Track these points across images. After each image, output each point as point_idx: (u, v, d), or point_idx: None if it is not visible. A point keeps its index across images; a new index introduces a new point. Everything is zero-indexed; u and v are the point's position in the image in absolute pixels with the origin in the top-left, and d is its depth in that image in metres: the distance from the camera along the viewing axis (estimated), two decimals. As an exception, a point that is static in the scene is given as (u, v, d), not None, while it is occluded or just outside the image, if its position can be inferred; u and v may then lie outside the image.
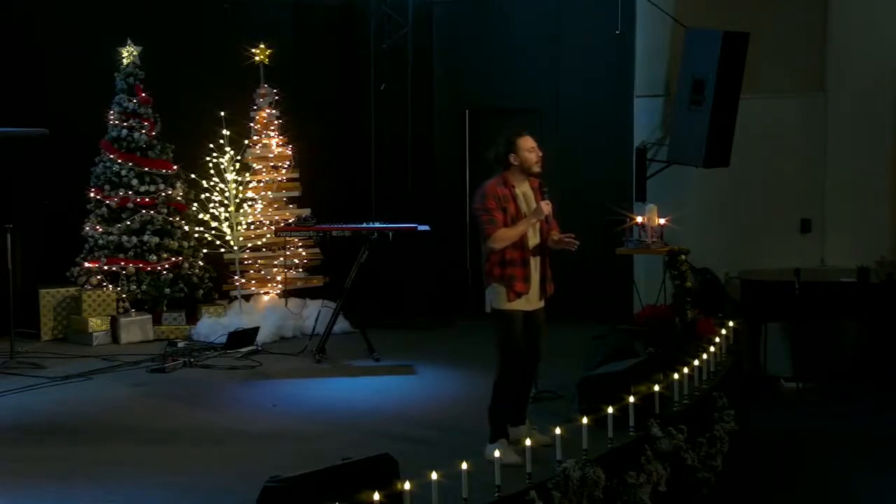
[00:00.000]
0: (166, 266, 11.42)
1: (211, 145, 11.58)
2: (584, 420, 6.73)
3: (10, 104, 11.06)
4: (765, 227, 11.64)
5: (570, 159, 12.30)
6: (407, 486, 5.56)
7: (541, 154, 7.15)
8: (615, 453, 6.83)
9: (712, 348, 8.81)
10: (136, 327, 11.18)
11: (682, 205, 10.81)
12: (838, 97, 11.73)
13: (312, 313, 11.27)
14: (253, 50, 11.88)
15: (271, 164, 11.97)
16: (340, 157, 12.89)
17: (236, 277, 11.78)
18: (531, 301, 7.07)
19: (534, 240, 7.08)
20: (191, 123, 11.68)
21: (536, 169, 7.11)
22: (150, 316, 11.31)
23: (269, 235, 11.80)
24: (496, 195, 6.99)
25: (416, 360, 10.22)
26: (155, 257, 11.35)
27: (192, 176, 11.67)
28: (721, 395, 8.39)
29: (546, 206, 7.05)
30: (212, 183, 11.61)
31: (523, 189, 7.12)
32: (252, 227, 11.81)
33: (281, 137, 12.01)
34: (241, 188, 11.71)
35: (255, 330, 10.85)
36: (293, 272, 12.00)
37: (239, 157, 11.70)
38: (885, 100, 11.48)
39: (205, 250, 11.80)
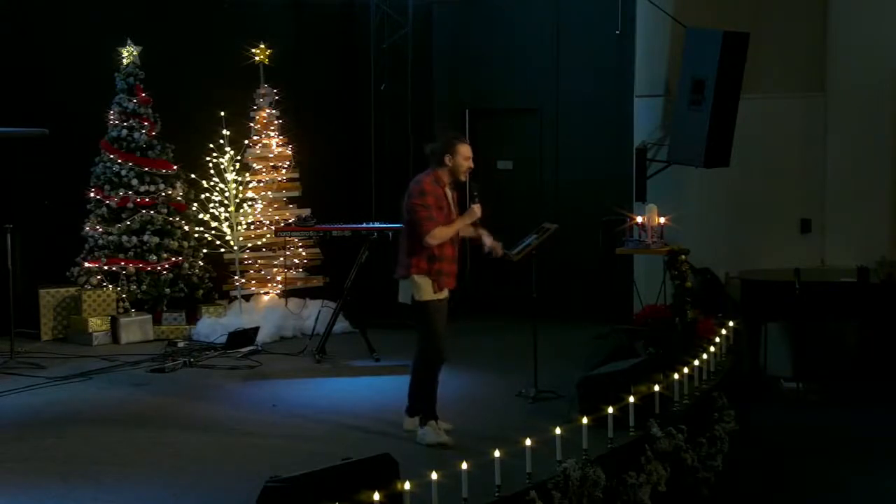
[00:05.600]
0: (166, 266, 11.42)
1: (211, 145, 11.58)
2: (584, 420, 6.73)
3: (10, 104, 11.06)
4: (765, 227, 11.65)
5: (570, 159, 12.34)
6: (407, 486, 5.56)
7: (472, 167, 7.61)
8: (615, 453, 6.84)
9: (712, 348, 8.81)
10: (136, 327, 11.17)
11: (682, 205, 10.82)
12: (838, 97, 11.74)
13: (312, 313, 11.27)
14: (253, 50, 11.87)
15: (271, 164, 11.97)
16: (340, 156, 12.90)
17: (236, 277, 11.78)
18: (445, 292, 7.54)
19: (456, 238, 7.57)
20: (191, 123, 11.68)
21: (463, 178, 7.59)
22: (150, 316, 11.30)
23: (269, 235, 11.80)
24: (435, 193, 7.42)
25: (415, 360, 10.20)
26: (155, 257, 11.35)
27: (192, 176, 11.67)
28: (721, 395, 8.39)
29: (478, 209, 7.54)
30: (212, 183, 11.62)
31: (450, 190, 7.57)
32: (252, 227, 11.81)
33: (281, 137, 12.01)
34: (241, 188, 11.71)
35: (255, 330, 10.85)
36: (293, 272, 11.99)
37: (239, 157, 11.70)
38: (885, 100, 11.49)
39: (205, 250, 11.79)
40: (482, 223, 7.77)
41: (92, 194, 11.51)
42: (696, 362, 8.29)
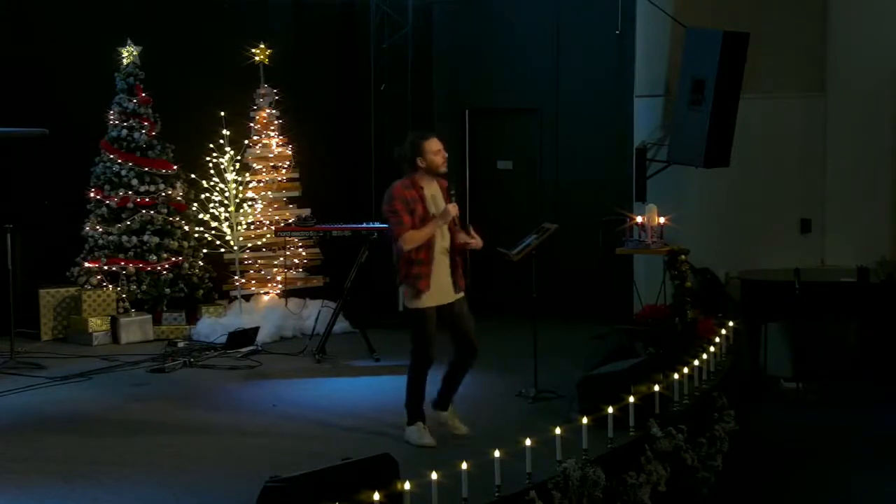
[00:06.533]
0: (166, 266, 11.42)
1: (211, 145, 11.58)
2: (584, 420, 6.73)
3: (10, 104, 11.06)
4: (765, 227, 11.66)
5: (570, 159, 12.34)
6: (407, 486, 5.56)
7: (446, 155, 7.45)
8: (615, 453, 6.83)
9: (712, 348, 8.81)
10: (136, 327, 11.17)
11: (682, 205, 10.82)
12: (838, 97, 11.75)
13: (312, 313, 11.27)
14: (253, 50, 11.87)
15: (271, 164, 11.97)
16: (340, 156, 12.89)
17: (236, 277, 11.78)
18: (444, 295, 7.42)
19: (441, 241, 7.39)
20: (191, 123, 11.67)
21: (443, 170, 7.43)
22: (150, 316, 11.30)
23: (269, 235, 11.80)
24: (403, 197, 7.30)
25: (416, 360, 10.20)
26: (155, 257, 11.35)
27: (192, 176, 11.67)
28: (721, 395, 8.39)
29: (453, 209, 7.34)
30: (212, 183, 11.62)
31: (432, 191, 7.41)
32: (252, 227, 11.81)
33: (281, 137, 12.01)
34: (241, 188, 11.71)
35: (255, 330, 10.85)
36: (293, 272, 11.99)
37: (239, 157, 11.70)
38: (885, 100, 11.50)
39: (205, 250, 11.79)
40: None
41: (92, 194, 11.51)
42: (696, 362, 8.28)
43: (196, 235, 11.70)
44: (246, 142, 11.86)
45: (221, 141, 11.56)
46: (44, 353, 10.58)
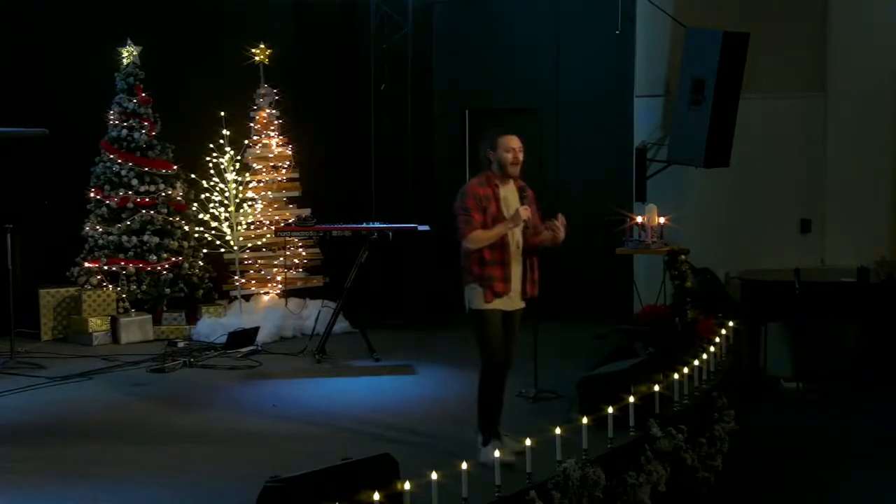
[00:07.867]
0: (166, 266, 11.43)
1: (211, 145, 11.59)
2: (584, 420, 6.72)
3: (10, 104, 11.07)
4: (765, 227, 11.65)
5: (570, 159, 12.34)
6: (407, 486, 5.56)
7: (520, 158, 7.04)
8: (615, 453, 6.82)
9: (712, 348, 8.80)
10: (136, 327, 11.18)
11: (682, 205, 10.82)
12: (838, 97, 11.74)
13: (312, 313, 11.27)
14: (253, 50, 11.88)
15: (271, 164, 11.98)
16: (340, 156, 12.89)
17: (236, 277, 11.79)
18: (511, 302, 7.02)
19: (514, 242, 7.00)
20: (191, 123, 11.68)
21: (511, 170, 6.99)
22: (150, 316, 11.31)
23: (269, 235, 11.81)
24: (477, 195, 6.92)
25: (416, 360, 10.22)
26: (155, 257, 11.35)
27: (192, 176, 11.67)
28: (721, 395, 8.38)
29: (524, 212, 6.95)
30: (212, 183, 11.62)
31: (506, 192, 7.04)
32: (252, 227, 11.81)
33: (281, 137, 12.02)
34: (241, 188, 11.72)
35: (255, 330, 10.85)
36: (293, 272, 12.00)
37: (239, 157, 11.70)
38: (885, 100, 11.49)
39: (205, 250, 11.80)
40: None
41: (92, 194, 11.52)
42: (696, 362, 8.28)
43: (196, 235, 11.71)
44: (246, 142, 11.87)
45: (221, 141, 11.57)
46: (44, 353, 10.58)
